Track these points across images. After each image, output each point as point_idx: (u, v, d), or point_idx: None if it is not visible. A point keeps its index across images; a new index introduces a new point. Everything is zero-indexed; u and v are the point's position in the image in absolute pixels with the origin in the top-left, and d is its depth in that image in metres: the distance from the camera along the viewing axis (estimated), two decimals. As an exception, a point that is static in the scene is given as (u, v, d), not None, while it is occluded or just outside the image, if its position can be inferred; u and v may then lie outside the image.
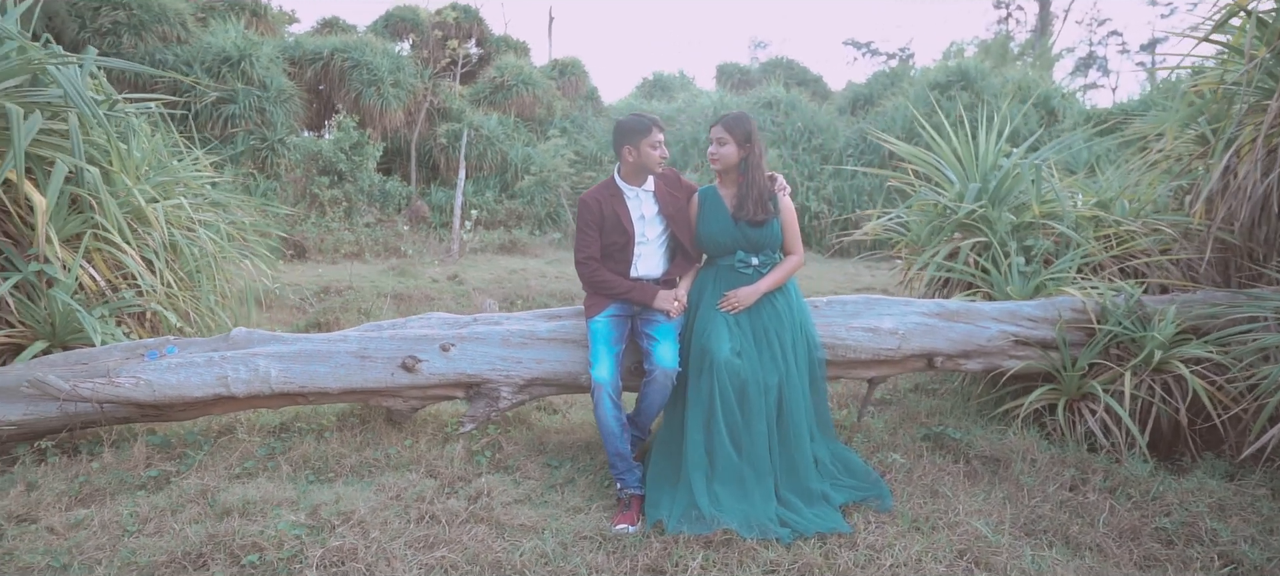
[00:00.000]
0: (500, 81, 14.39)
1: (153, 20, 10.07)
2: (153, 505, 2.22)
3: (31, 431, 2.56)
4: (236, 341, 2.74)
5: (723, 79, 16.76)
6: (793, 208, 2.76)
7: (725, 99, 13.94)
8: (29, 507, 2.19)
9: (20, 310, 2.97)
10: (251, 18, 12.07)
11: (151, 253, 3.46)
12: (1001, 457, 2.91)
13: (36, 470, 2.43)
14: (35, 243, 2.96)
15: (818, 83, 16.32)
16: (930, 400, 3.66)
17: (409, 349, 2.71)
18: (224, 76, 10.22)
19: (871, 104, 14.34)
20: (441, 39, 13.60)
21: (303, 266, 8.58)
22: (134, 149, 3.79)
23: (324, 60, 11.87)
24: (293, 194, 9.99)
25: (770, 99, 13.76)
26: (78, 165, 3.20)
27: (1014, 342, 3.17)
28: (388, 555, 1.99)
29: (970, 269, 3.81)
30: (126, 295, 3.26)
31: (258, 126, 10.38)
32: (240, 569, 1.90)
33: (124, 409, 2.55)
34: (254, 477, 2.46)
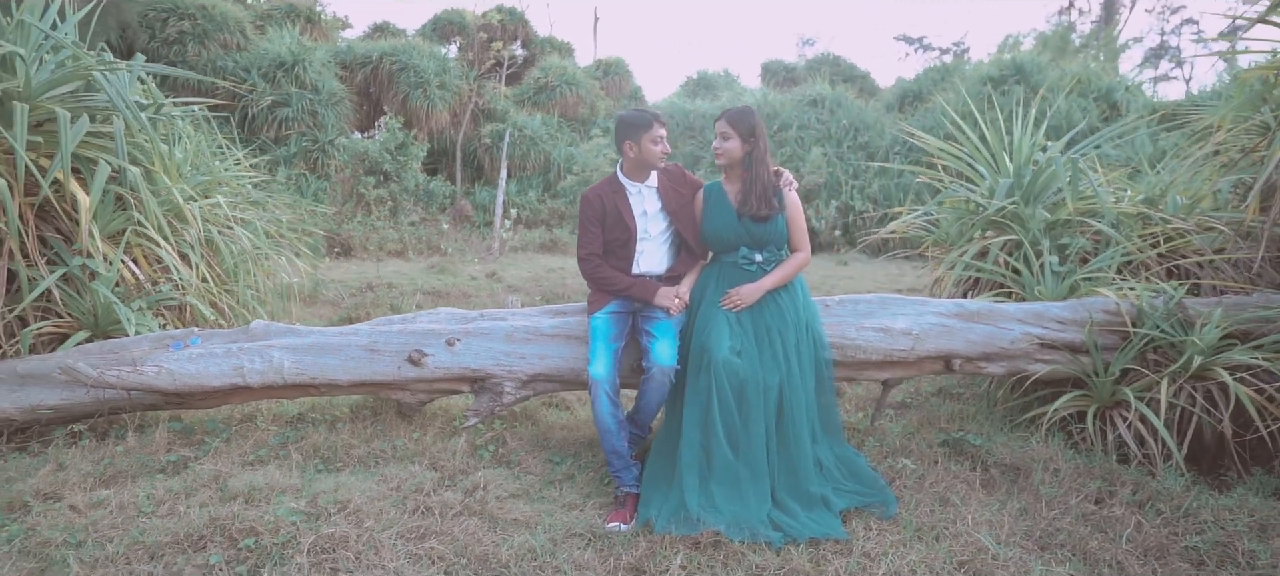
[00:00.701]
0: (544, 82, 14.59)
1: (215, 29, 10.58)
2: (168, 488, 2.33)
3: (68, 415, 2.72)
4: (255, 333, 2.85)
5: (767, 77, 16.57)
6: (799, 203, 2.70)
7: (768, 97, 13.78)
8: (56, 486, 2.32)
9: (66, 301, 3.16)
10: (306, 24, 12.55)
11: (188, 247, 3.63)
12: (1022, 466, 2.79)
13: (67, 451, 2.58)
14: (79, 238, 3.15)
15: (865, 79, 15.97)
16: (953, 405, 3.53)
17: (416, 343, 2.77)
18: (279, 81, 10.66)
19: (920, 100, 13.94)
20: (486, 41, 13.85)
21: (348, 264, 8.87)
22: (176, 150, 3.98)
23: (373, 64, 12.25)
24: (341, 193, 10.33)
25: (815, 96, 13.53)
26: (121, 165, 3.38)
27: (1039, 346, 3.02)
28: (377, 544, 2.04)
29: (999, 269, 3.66)
30: (164, 289, 3.43)
31: (309, 128, 10.79)
32: (237, 551, 1.97)
33: (149, 396, 2.68)
34: (265, 465, 2.55)
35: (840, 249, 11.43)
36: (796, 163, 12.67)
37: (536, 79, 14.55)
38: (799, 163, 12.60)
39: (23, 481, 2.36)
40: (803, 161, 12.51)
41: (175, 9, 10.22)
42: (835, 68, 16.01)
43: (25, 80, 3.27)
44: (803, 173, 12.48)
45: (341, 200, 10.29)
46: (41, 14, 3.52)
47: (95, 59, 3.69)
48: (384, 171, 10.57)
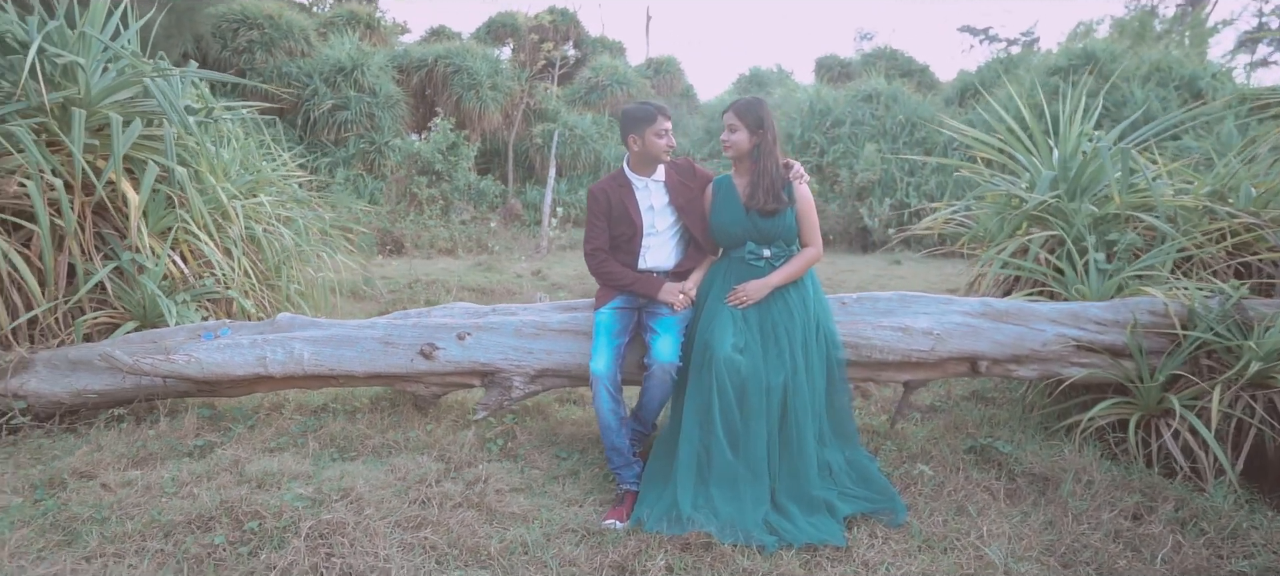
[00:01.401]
0: (595, 81, 14.69)
1: (280, 37, 11.09)
2: (191, 471, 2.45)
3: (111, 400, 2.90)
4: (280, 325, 2.97)
5: (821, 72, 16.21)
6: (810, 197, 2.62)
7: (821, 92, 13.48)
8: (92, 466, 2.48)
9: (118, 294, 3.37)
10: (366, 30, 13.01)
11: (231, 242, 3.82)
12: (1051, 477, 2.63)
13: (107, 433, 2.75)
14: (129, 234, 3.35)
15: (924, 73, 15.42)
16: (986, 409, 3.37)
17: (428, 337, 2.83)
18: (339, 85, 11.09)
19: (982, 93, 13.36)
20: (537, 42, 14.04)
21: (399, 261, 9.15)
22: (224, 152, 4.19)
23: (428, 67, 12.59)
24: (395, 193, 10.68)
25: (870, 92, 13.16)
26: (170, 166, 3.58)
27: (1075, 348, 2.85)
28: (372, 531, 2.09)
29: (1040, 266, 3.47)
30: (207, 282, 3.62)
31: (367, 130, 11.18)
32: (241, 533, 2.06)
33: (182, 383, 2.84)
34: (283, 452, 2.65)
35: (894, 247, 11.09)
36: (850, 160, 12.36)
37: (587, 79, 14.66)
38: (852, 160, 12.29)
39: (63, 459, 2.52)
40: (856, 158, 12.19)
41: (245, 19, 10.77)
42: (892, 62, 15.52)
43: (85, 88, 3.50)
44: (856, 170, 12.16)
45: (395, 199, 10.63)
46: (103, 25, 3.77)
47: (151, 67, 3.93)
48: (436, 171, 10.86)
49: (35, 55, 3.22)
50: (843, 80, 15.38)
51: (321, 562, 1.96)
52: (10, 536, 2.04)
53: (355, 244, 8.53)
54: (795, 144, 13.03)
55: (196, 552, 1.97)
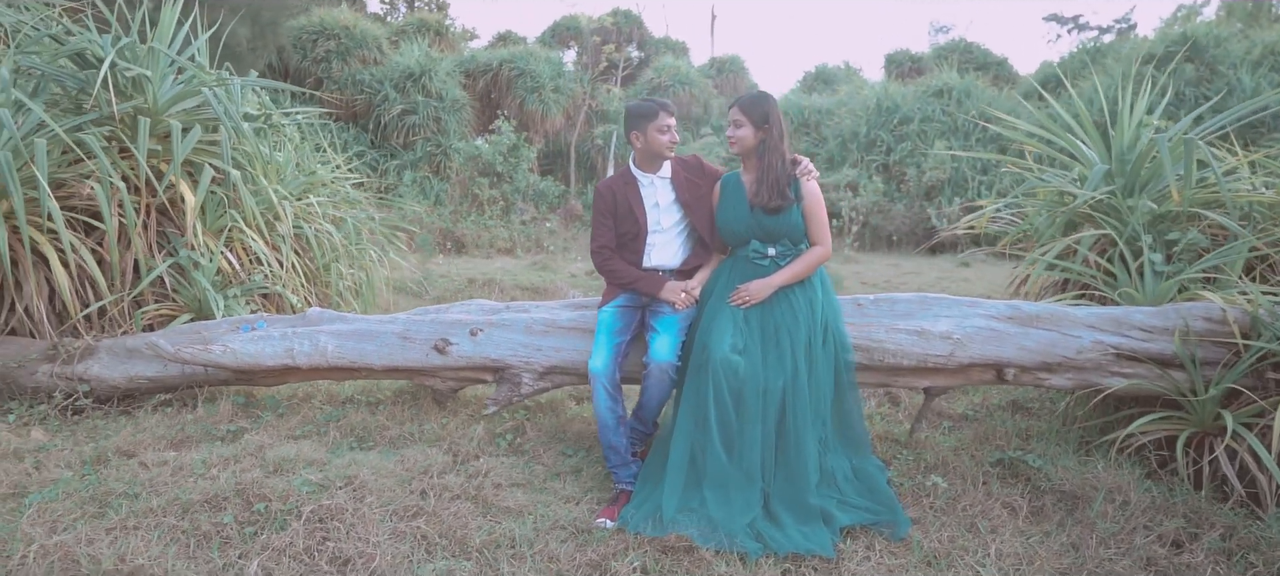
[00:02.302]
0: (657, 82, 14.72)
1: (355, 46, 11.67)
2: (220, 454, 2.62)
3: (160, 386, 3.13)
4: (310, 320, 3.12)
5: (891, 68, 15.66)
6: (819, 194, 2.54)
7: (889, 89, 13.03)
8: (134, 446, 2.69)
9: (176, 287, 3.64)
10: (435, 37, 13.51)
11: (280, 240, 4.05)
12: (1082, 495, 2.46)
13: (152, 417, 2.97)
14: (185, 232, 3.62)
15: (1001, 66, 14.65)
16: (1024, 420, 3.18)
17: (443, 332, 2.91)
18: (408, 90, 11.56)
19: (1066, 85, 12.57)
20: (599, 44, 14.20)
21: (459, 260, 9.45)
22: (278, 155, 4.45)
23: (493, 71, 12.96)
24: (457, 194, 11.04)
25: (941, 87, 12.62)
26: (226, 169, 3.84)
27: (1115, 357, 2.65)
28: (367, 518, 2.17)
29: (1088, 269, 3.24)
30: (257, 278, 3.85)
31: (434, 134, 11.61)
32: (249, 513, 2.18)
33: (220, 372, 3.03)
34: (305, 440, 2.79)
35: (964, 249, 10.60)
36: (918, 158, 11.90)
37: (650, 80, 14.72)
38: (920, 158, 11.82)
39: (111, 439, 2.75)
40: (924, 157, 11.72)
41: (323, 30, 11.39)
42: (966, 55, 14.81)
43: (152, 98, 3.80)
44: (924, 169, 11.69)
45: (458, 200, 10.99)
46: (171, 40, 4.08)
47: (213, 77, 4.22)
48: (497, 172, 11.16)
49: (108, 69, 3.52)
50: (913, 76, 14.81)
51: (316, 545, 2.05)
52: (51, 506, 2.24)
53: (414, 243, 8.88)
54: (861, 142, 12.65)
55: (206, 530, 2.10)
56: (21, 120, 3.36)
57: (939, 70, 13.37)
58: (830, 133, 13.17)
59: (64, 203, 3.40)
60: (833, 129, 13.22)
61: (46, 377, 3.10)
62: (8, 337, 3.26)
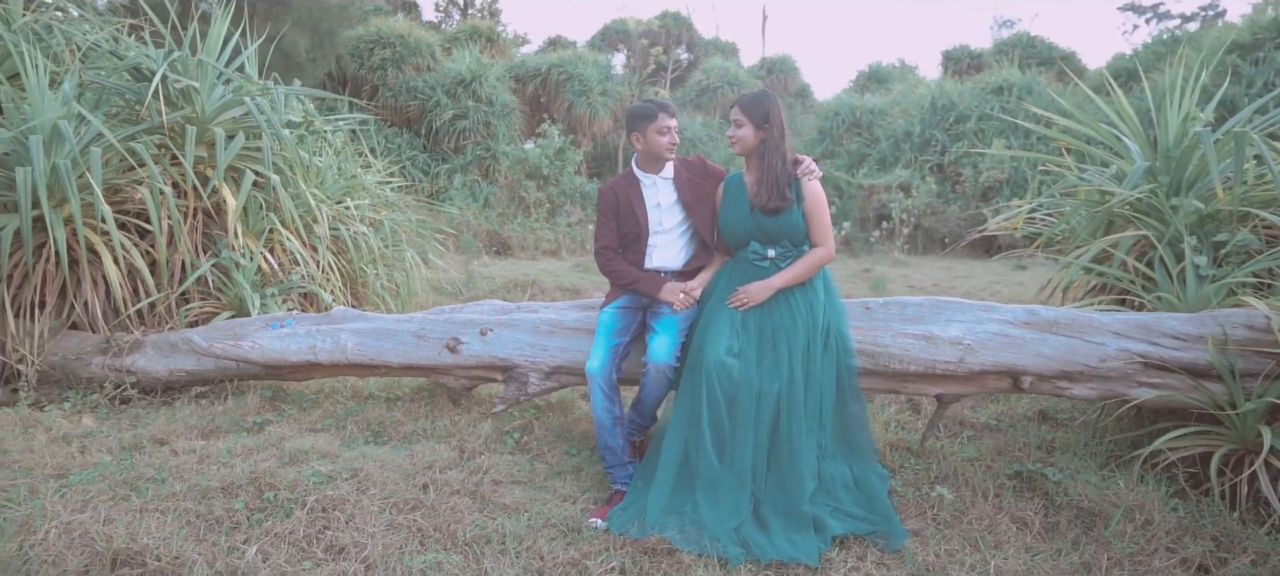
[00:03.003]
0: (706, 84, 14.69)
1: (410, 54, 12.06)
2: (243, 444, 2.76)
3: (198, 379, 3.32)
4: (335, 318, 3.26)
5: (949, 65, 15.14)
6: (821, 194, 2.49)
7: (944, 87, 12.62)
8: (167, 434, 2.86)
9: (219, 286, 3.85)
10: (486, 43, 13.84)
11: (317, 240, 4.23)
12: (1100, 512, 2.33)
13: (188, 408, 3.16)
14: (227, 234, 3.83)
15: (1068, 60, 13.97)
16: (1051, 431, 3.03)
17: (455, 331, 2.99)
18: (459, 96, 11.88)
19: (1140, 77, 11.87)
20: (647, 47, 14.26)
21: (504, 261, 9.65)
22: (318, 160, 4.65)
23: (542, 75, 13.18)
24: (505, 197, 11.27)
25: (1001, 83, 12.15)
26: (267, 174, 4.04)
27: (1143, 366, 2.50)
28: (366, 510, 2.25)
29: (1125, 273, 3.06)
30: (294, 278, 4.04)
31: (483, 138, 11.89)
32: (261, 501, 2.30)
33: (250, 367, 3.20)
34: (322, 433, 2.92)
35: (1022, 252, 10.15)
36: (975, 158, 11.47)
37: (698, 81, 14.69)
38: (977, 158, 11.39)
39: (147, 427, 2.93)
40: (981, 157, 11.29)
41: (379, 39, 11.83)
42: (1029, 50, 14.18)
43: (200, 108, 4.04)
44: (981, 169, 11.26)
45: (505, 203, 11.22)
46: (220, 52, 4.32)
47: (258, 87, 4.45)
48: (543, 175, 11.35)
49: (159, 81, 3.76)
50: (972, 73, 14.29)
51: (315, 533, 2.14)
52: (88, 487, 2.41)
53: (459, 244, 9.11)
54: (914, 142, 12.29)
55: (219, 514, 2.22)
56: (84, 131, 3.62)
57: (999, 66, 12.86)
58: (883, 133, 12.84)
59: (118, 207, 3.65)
60: (886, 129, 12.89)
61: (99, 369, 3.33)
62: (69, 331, 3.52)
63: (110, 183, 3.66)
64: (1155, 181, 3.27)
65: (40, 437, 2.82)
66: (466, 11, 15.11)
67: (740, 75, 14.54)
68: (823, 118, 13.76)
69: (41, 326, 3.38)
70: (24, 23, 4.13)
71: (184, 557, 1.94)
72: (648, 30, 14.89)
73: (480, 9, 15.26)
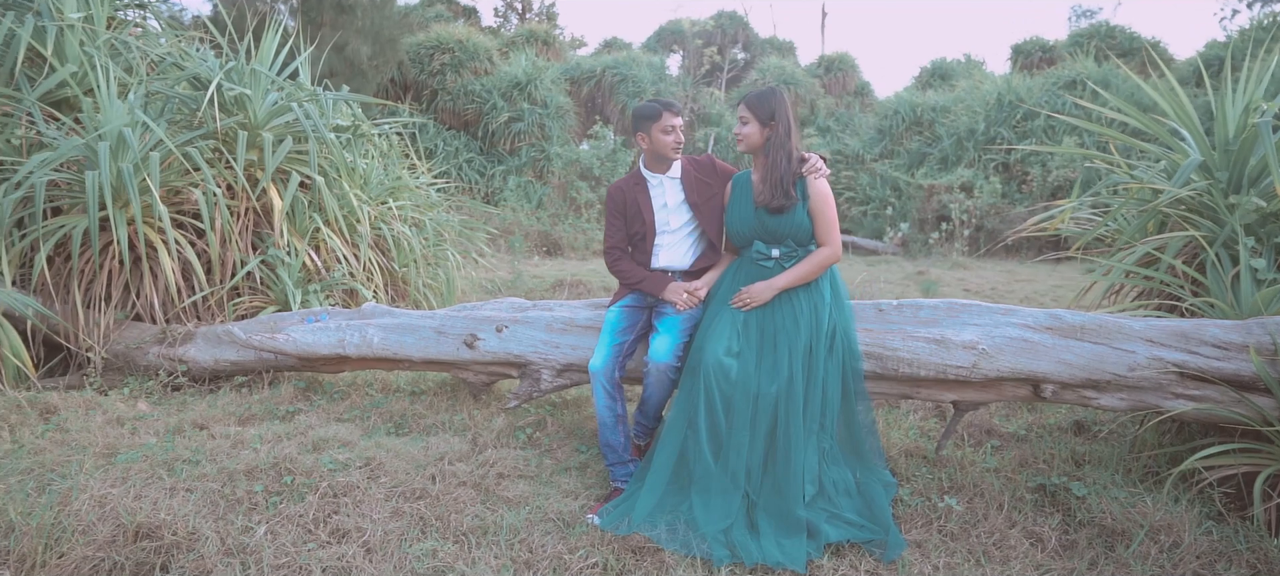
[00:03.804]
0: (762, 83, 14.50)
1: (468, 58, 12.42)
2: (273, 431, 2.92)
3: (240, 369, 3.53)
4: (365, 313, 3.40)
5: (1019, 59, 14.46)
6: (827, 193, 2.44)
7: (1012, 82, 12.06)
8: (208, 419, 3.06)
9: (268, 282, 4.08)
10: (542, 46, 14.10)
11: (359, 239, 4.43)
12: (1123, 531, 2.20)
13: (229, 396, 3.36)
14: (273, 233, 4.05)
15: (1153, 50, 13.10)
16: (1084, 444, 2.87)
17: (473, 328, 3.07)
18: (514, 98, 12.15)
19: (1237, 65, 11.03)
20: (701, 48, 14.21)
21: (553, 261, 9.82)
22: (362, 163, 4.85)
23: (596, 77, 13.33)
24: (557, 197, 11.46)
25: (1074, 76, 11.53)
26: (312, 176, 4.26)
27: (1179, 376, 2.34)
28: (373, 497, 2.34)
29: (1172, 277, 2.87)
30: (336, 275, 4.24)
31: (538, 140, 12.12)
32: (279, 485, 2.43)
33: (286, 359, 3.37)
34: (347, 423, 3.05)
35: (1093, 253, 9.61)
36: (1043, 156, 10.93)
37: (753, 81, 14.53)
38: (1046, 156, 10.85)
39: (190, 412, 3.14)
40: (1051, 155, 10.74)
41: (439, 45, 12.23)
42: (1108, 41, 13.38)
43: (252, 115, 4.29)
44: (1050, 167, 10.72)
45: (558, 203, 11.41)
46: (272, 61, 4.58)
47: (307, 93, 4.68)
48: (596, 176, 11.47)
49: (215, 89, 4.02)
50: (1044, 66, 13.60)
51: (324, 517, 2.24)
52: (131, 466, 2.60)
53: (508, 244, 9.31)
54: (978, 140, 11.80)
55: (239, 496, 2.36)
56: (147, 137, 3.91)
57: (1073, 59, 12.20)
58: (945, 131, 12.39)
59: (177, 208, 3.92)
60: (948, 127, 12.43)
61: (155, 358, 3.58)
62: (131, 323, 3.80)
63: (170, 185, 3.93)
64: (1211, 177, 3.05)
65: (98, 419, 3.06)
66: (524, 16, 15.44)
67: (797, 74, 14.30)
68: (882, 116, 13.39)
69: (107, 318, 3.66)
70: (105, 39, 4.48)
71: (199, 533, 2.07)
72: (703, 30, 14.83)
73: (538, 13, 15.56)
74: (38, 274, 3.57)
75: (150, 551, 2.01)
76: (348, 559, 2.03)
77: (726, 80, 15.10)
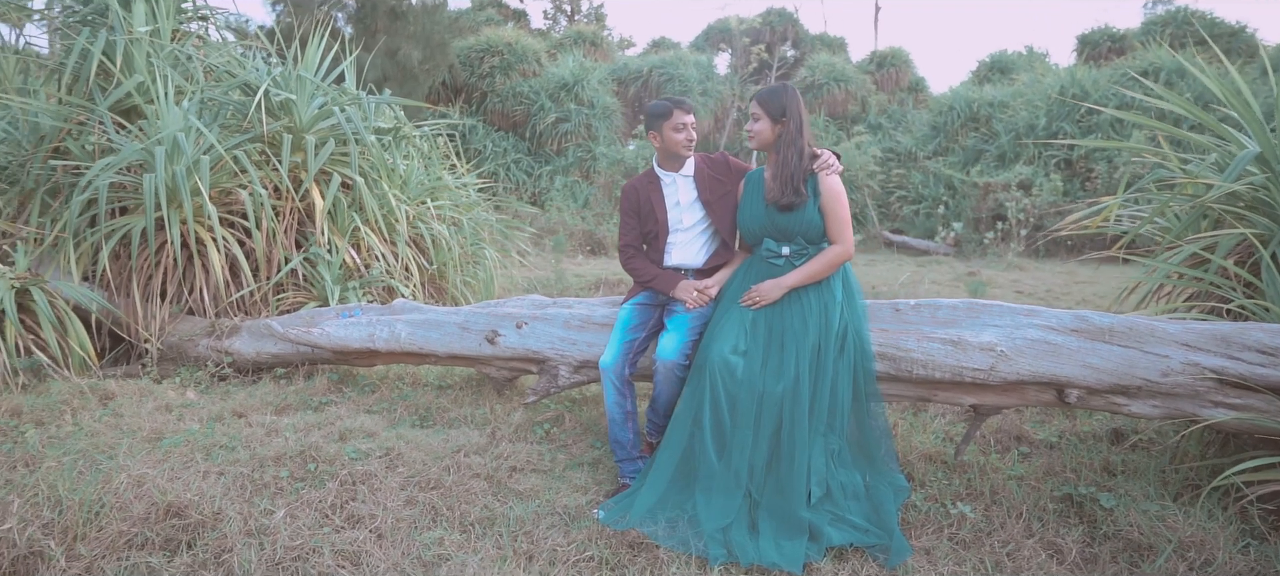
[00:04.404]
0: (811, 81, 14.28)
1: (517, 61, 12.65)
2: (306, 421, 3.06)
3: (280, 361, 3.70)
4: (395, 309, 3.51)
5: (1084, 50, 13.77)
6: (839, 190, 2.40)
7: (1076, 74, 11.51)
8: (247, 408, 3.22)
9: (310, 279, 4.27)
10: (590, 47, 14.23)
11: (397, 237, 4.57)
12: (1150, 546, 2.09)
13: (268, 386, 3.52)
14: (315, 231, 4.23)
15: (1235, 36, 12.28)
16: (1120, 453, 2.73)
17: (495, 324, 3.14)
18: (561, 99, 12.31)
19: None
20: (748, 45, 14.08)
21: (596, 261, 9.90)
22: (403, 164, 5.01)
23: (643, 77, 13.37)
24: (603, 197, 11.54)
25: (1145, 66, 10.92)
26: (353, 177, 4.43)
27: (1217, 383, 2.20)
28: (389, 485, 2.43)
29: (1223, 278, 2.70)
30: (374, 272, 4.40)
31: (584, 140, 12.24)
32: (303, 471, 2.54)
33: (320, 352, 3.52)
34: (374, 414, 3.16)
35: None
36: (1109, 153, 10.39)
37: (803, 78, 14.31)
38: (1111, 153, 10.31)
39: (232, 401, 3.31)
40: (1117, 151, 10.20)
41: (489, 48, 12.49)
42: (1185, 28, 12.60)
43: (297, 119, 4.49)
44: (1116, 164, 10.18)
45: (603, 203, 11.49)
46: (317, 68, 4.78)
47: (350, 98, 4.86)
48: (639, 176, 11.51)
49: (262, 95, 4.23)
50: (1113, 57, 12.93)
51: (341, 503, 2.34)
52: (173, 450, 2.76)
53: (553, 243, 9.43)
54: (1038, 135, 11.31)
55: (265, 481, 2.48)
56: (201, 142, 4.14)
57: (1145, 48, 11.56)
58: (1002, 126, 11.92)
59: (227, 207, 4.14)
60: (1006, 122, 11.95)
61: (205, 349, 3.79)
62: (185, 316, 4.03)
63: (221, 186, 4.15)
64: (1270, 171, 2.86)
65: (149, 405, 3.26)
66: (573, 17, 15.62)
67: (847, 71, 14.01)
68: (936, 112, 12.98)
69: (163, 312, 3.90)
70: (168, 51, 4.76)
71: (222, 513, 2.19)
72: (751, 28, 14.69)
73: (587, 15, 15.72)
74: (102, 270, 3.83)
75: (178, 528, 2.14)
76: (358, 543, 2.11)
77: (775, 78, 14.91)
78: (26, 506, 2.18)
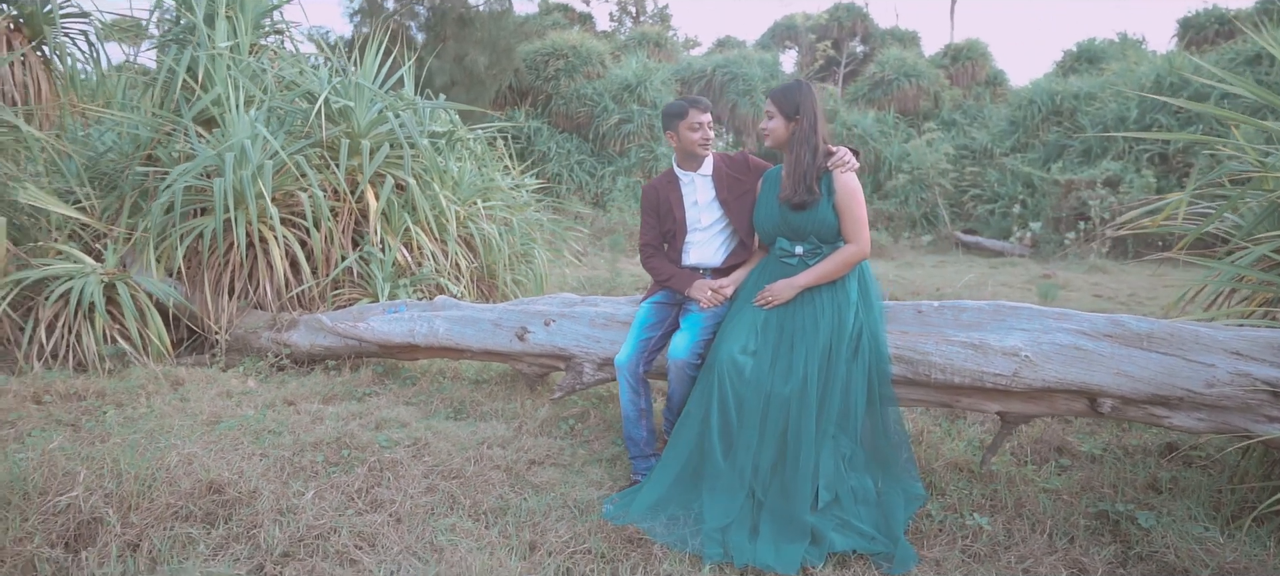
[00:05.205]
0: (880, 77, 13.87)
1: (581, 63, 12.86)
2: (349, 410, 3.23)
3: (331, 354, 3.92)
4: (436, 306, 3.66)
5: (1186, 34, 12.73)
6: (855, 188, 2.34)
7: (1174, 61, 10.69)
8: (297, 397, 3.43)
9: (364, 276, 4.50)
10: (654, 48, 14.29)
11: (448, 237, 4.76)
12: (1185, 571, 1.95)
13: (319, 377, 3.74)
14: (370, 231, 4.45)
15: (1364, 16, 11.06)
16: (1171, 470, 2.54)
17: (525, 321, 3.23)
18: (624, 100, 12.42)
19: None
20: (814, 42, 13.79)
21: (654, 260, 9.93)
22: (455, 166, 5.20)
23: (707, 77, 13.32)
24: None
25: (1256, 51, 10.03)
26: (406, 179, 4.64)
27: (1272, 396, 2.03)
28: (413, 473, 2.54)
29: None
30: (425, 271, 4.59)
31: (646, 140, 12.31)
32: (338, 457, 2.69)
33: (366, 345, 3.70)
34: (411, 406, 3.30)
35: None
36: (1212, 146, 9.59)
37: (872, 74, 13.89)
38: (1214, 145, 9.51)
39: (285, 390, 3.53)
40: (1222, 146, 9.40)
41: (553, 51, 12.75)
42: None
43: (355, 124, 4.73)
44: (1220, 158, 9.38)
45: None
46: (375, 75, 5.03)
47: (406, 103, 5.09)
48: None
49: (322, 103, 4.49)
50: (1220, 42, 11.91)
51: (367, 488, 2.47)
52: (227, 433, 2.98)
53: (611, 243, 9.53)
54: (1129, 128, 10.55)
55: (302, 464, 2.64)
56: (267, 148, 4.43)
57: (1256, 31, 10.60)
58: (1089, 120, 11.19)
59: (290, 209, 4.41)
60: (1093, 115, 11.22)
61: (266, 341, 4.06)
62: (251, 310, 4.33)
63: (284, 188, 4.43)
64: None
65: (212, 392, 3.52)
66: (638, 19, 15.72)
67: (919, 65, 13.49)
68: (1015, 106, 12.33)
69: (231, 306, 4.20)
70: (245, 65, 5.12)
71: (258, 491, 2.35)
72: (817, 25, 14.38)
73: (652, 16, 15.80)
74: (179, 267, 4.16)
75: (217, 504, 2.31)
76: (376, 526, 2.22)
77: (843, 75, 14.54)
78: (93, 477, 2.40)
